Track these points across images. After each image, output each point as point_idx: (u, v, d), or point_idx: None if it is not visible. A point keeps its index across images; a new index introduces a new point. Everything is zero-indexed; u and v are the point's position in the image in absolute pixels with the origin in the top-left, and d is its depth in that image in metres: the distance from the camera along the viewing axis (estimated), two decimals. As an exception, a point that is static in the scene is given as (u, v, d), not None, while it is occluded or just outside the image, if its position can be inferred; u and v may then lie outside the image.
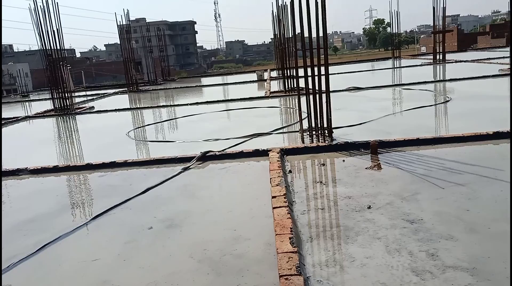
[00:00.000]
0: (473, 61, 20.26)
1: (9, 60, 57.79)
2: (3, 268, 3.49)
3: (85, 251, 3.81)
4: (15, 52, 75.69)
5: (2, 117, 13.80)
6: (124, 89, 22.45)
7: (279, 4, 14.82)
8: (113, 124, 11.55)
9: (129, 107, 15.20)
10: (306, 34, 7.38)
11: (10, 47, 79.22)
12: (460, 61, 20.82)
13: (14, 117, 13.45)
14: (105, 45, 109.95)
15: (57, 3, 14.44)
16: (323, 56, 7.15)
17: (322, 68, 7.20)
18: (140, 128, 10.36)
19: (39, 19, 13.97)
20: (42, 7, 13.88)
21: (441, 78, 15.52)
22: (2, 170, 6.49)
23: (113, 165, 6.49)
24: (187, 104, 13.79)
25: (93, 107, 15.16)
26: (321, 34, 6.96)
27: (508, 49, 27.70)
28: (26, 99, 22.64)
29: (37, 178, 6.32)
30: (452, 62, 20.90)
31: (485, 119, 8.09)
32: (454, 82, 13.51)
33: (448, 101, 10.09)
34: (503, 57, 20.54)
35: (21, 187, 6.03)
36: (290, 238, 3.55)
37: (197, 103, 13.78)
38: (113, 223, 4.40)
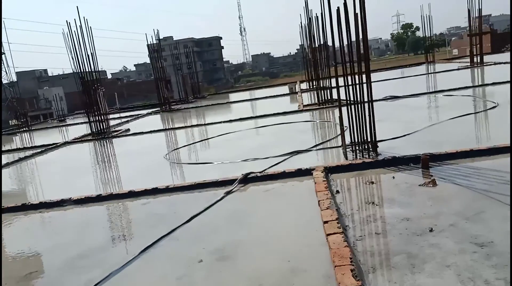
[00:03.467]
0: (513, 61, 19.44)
1: (45, 85, 60.02)
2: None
3: (138, 290, 3.68)
4: (49, 76, 78.40)
5: (43, 144, 14.11)
6: (157, 109, 22.72)
7: (309, 16, 14.67)
8: (150, 147, 11.59)
9: (163, 128, 15.31)
10: (337, 43, 7.18)
11: (45, 72, 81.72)
12: (500, 63, 20.02)
13: (53, 144, 13.74)
14: (134, 65, 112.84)
15: (90, 27, 14.80)
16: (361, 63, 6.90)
17: (358, 77, 6.92)
18: (177, 150, 10.33)
19: (73, 43, 14.31)
20: (76, 31, 14.23)
21: (483, 82, 14.93)
22: (47, 201, 6.52)
23: (155, 192, 6.41)
24: (221, 122, 13.74)
25: (128, 130, 15.33)
26: (361, 43, 6.73)
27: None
28: (63, 124, 23.25)
29: (81, 208, 6.31)
30: (491, 64, 20.15)
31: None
32: (498, 86, 12.91)
33: (495, 107, 9.59)
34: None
35: (67, 218, 6.02)
36: (352, 271, 3.31)
37: (231, 121, 13.71)
38: (162, 256, 4.26)
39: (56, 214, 6.21)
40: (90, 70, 14.86)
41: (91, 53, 14.79)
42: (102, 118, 14.94)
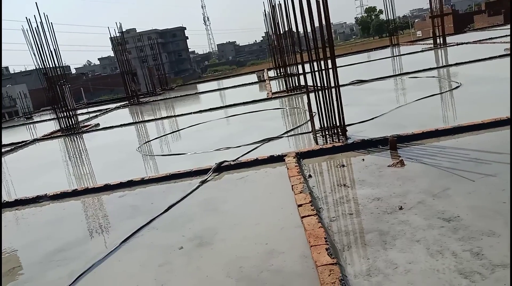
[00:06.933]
0: (475, 42, 20.06)
1: (7, 83, 57.85)
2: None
3: (121, 279, 3.74)
4: (11, 73, 75.62)
5: (12, 142, 13.70)
6: (125, 102, 22.37)
7: (272, 4, 14.68)
8: (122, 140, 11.48)
9: (133, 121, 15.14)
10: (300, 28, 7.25)
11: (6, 69, 78.87)
12: (462, 44, 20.60)
13: (22, 141, 13.39)
14: (98, 59, 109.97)
15: (51, 22, 14.38)
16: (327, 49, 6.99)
17: (323, 63, 6.99)
18: (149, 142, 10.28)
19: (35, 39, 13.91)
20: (36, 27, 13.81)
21: (446, 63, 15.32)
22: (23, 198, 6.43)
23: (130, 184, 6.42)
24: (191, 113, 13.71)
25: (98, 124, 15.09)
26: (324, 29, 6.84)
27: (508, 26, 27.47)
28: (30, 121, 22.61)
29: (57, 203, 6.27)
30: (454, 45, 20.67)
31: (499, 102, 7.96)
32: (461, 66, 13.35)
33: (458, 86, 9.96)
34: (506, 35, 20.25)
35: (43, 214, 5.97)
36: (327, 249, 3.46)
37: (200, 111, 13.68)
38: (142, 245, 4.32)
39: (32, 211, 6.14)
40: (53, 66, 14.49)
41: (54, 49, 14.41)
42: (70, 114, 14.65)
